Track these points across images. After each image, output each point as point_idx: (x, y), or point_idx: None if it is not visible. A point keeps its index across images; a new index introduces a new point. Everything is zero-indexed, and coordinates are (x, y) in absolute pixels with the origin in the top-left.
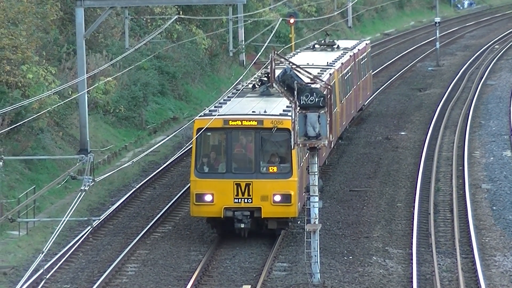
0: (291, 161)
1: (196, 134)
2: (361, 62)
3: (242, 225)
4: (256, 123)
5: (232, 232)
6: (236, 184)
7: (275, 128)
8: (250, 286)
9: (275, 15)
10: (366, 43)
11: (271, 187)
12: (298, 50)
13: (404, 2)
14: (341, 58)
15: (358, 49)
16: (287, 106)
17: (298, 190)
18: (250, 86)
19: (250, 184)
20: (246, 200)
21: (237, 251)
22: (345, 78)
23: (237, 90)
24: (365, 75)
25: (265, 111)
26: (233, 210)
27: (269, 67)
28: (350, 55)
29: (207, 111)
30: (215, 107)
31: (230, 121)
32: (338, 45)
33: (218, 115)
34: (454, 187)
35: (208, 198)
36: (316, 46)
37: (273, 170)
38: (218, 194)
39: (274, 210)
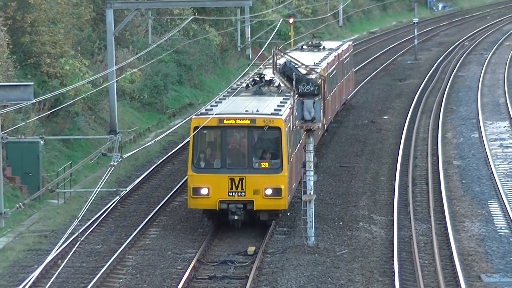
0: (282, 157)
1: (193, 132)
2: (344, 62)
3: (236, 217)
4: (249, 121)
5: (226, 223)
6: (230, 178)
7: (267, 127)
8: (254, 247)
9: (277, 16)
10: (349, 44)
11: (263, 182)
12: (288, 51)
13: (387, 5)
14: (326, 58)
15: (342, 50)
16: (277, 105)
17: (288, 184)
18: (244, 85)
19: (243, 178)
20: (239, 194)
21: None
22: (330, 76)
23: (232, 89)
24: (348, 73)
25: (257, 110)
26: (227, 203)
27: (263, 67)
28: (335, 56)
29: (203, 110)
30: (211, 106)
31: (224, 120)
32: (323, 46)
33: (213, 114)
34: (429, 164)
35: (204, 191)
36: (304, 47)
37: (264, 165)
38: (213, 188)
39: (266, 203)
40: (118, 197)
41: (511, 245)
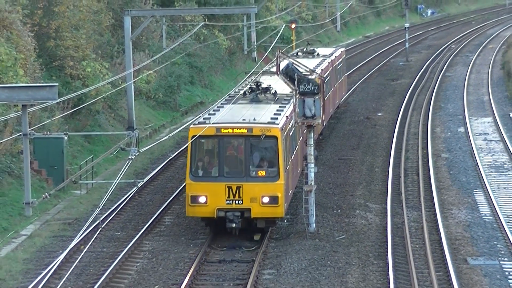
0: (278, 165)
1: (191, 141)
2: (338, 67)
3: (233, 225)
4: (246, 130)
5: (224, 230)
6: (227, 187)
7: (264, 136)
8: (260, 234)
9: (280, 22)
10: (342, 50)
11: (260, 190)
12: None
13: (381, 11)
14: (320, 64)
15: (335, 56)
16: (274, 114)
17: (284, 192)
18: (242, 92)
19: (240, 187)
20: (237, 202)
21: None
22: (325, 82)
23: (230, 96)
24: (341, 78)
25: (254, 119)
26: (225, 210)
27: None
28: (328, 62)
29: (201, 119)
30: (209, 114)
31: (222, 129)
32: (318, 53)
33: (211, 123)
34: (420, 156)
35: (202, 199)
36: (299, 53)
37: (261, 174)
38: (211, 196)
39: (263, 210)
40: (135, 187)
41: (495, 230)
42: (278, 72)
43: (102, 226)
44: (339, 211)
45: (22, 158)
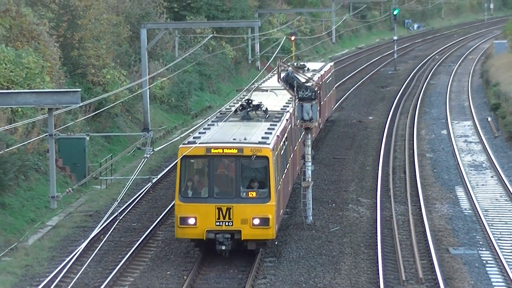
0: (269, 186)
1: (180, 161)
2: (327, 82)
3: (223, 247)
4: (236, 151)
5: (214, 252)
6: (217, 208)
7: (254, 156)
8: None
9: (281, 34)
10: (330, 65)
11: (251, 211)
12: (275, 72)
13: (372, 25)
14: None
15: (325, 71)
16: (265, 133)
17: (275, 214)
18: (233, 110)
19: (230, 208)
20: (227, 223)
21: None
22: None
23: (221, 113)
24: (330, 92)
25: (245, 139)
26: (215, 232)
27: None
28: (318, 77)
29: (191, 138)
30: (199, 133)
31: (212, 149)
32: (308, 68)
33: (200, 143)
34: (406, 156)
35: (191, 221)
36: (289, 68)
37: (252, 195)
38: (200, 217)
39: (253, 232)
40: (150, 183)
41: (474, 223)
42: (279, 80)
43: (120, 218)
44: (333, 205)
45: (48, 156)
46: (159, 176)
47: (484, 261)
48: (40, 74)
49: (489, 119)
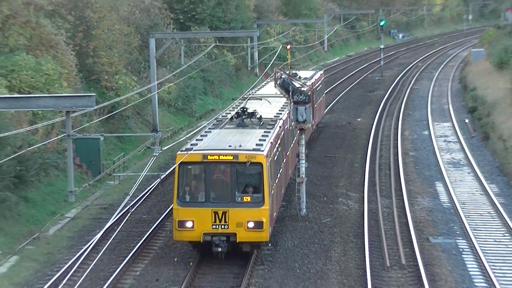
0: (263, 191)
1: (178, 167)
2: (317, 89)
3: (219, 249)
4: (232, 157)
5: (211, 254)
6: (214, 212)
7: (249, 162)
8: None
9: (277, 43)
10: (321, 73)
11: (245, 215)
12: (269, 80)
13: (360, 35)
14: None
15: (315, 79)
16: (259, 140)
17: (269, 217)
18: (229, 117)
19: (226, 212)
20: (222, 227)
21: None
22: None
23: (217, 121)
24: (320, 99)
25: (240, 146)
26: (211, 235)
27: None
28: (309, 85)
29: (188, 145)
30: (196, 140)
31: (208, 156)
32: (299, 76)
33: (197, 150)
34: (391, 154)
35: (189, 224)
36: (279, 78)
37: (247, 199)
38: (198, 221)
39: (248, 235)
40: (159, 179)
41: (452, 215)
42: (276, 85)
43: (132, 210)
44: (325, 198)
45: (66, 155)
46: (167, 173)
47: (461, 249)
48: (58, 80)
49: (467, 121)
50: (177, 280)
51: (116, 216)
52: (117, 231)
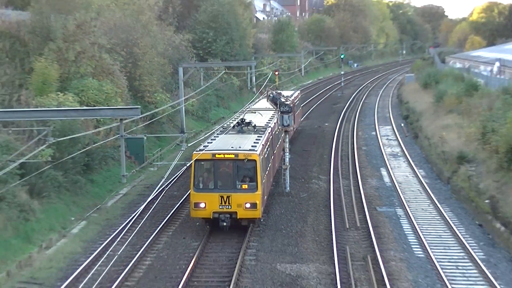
0: (257, 180)
1: (194, 163)
2: (296, 103)
3: (224, 224)
4: (233, 156)
5: (217, 228)
6: (220, 196)
7: (246, 159)
8: None
9: (269, 70)
10: (298, 92)
11: (244, 198)
12: (261, 97)
13: (327, 64)
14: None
15: (294, 96)
16: (254, 142)
17: (261, 200)
18: (232, 125)
19: (229, 196)
20: (227, 207)
21: None
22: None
23: (223, 128)
24: (298, 110)
25: (239, 147)
26: (218, 213)
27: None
28: (290, 99)
29: (201, 147)
30: (207, 142)
31: (216, 155)
32: (283, 94)
33: (208, 150)
34: (349, 148)
35: (202, 205)
36: (270, 95)
37: (245, 187)
38: (208, 202)
39: (246, 213)
40: (185, 166)
41: (392, 191)
42: (268, 100)
43: (166, 188)
44: (302, 180)
45: (120, 150)
46: (190, 162)
47: (399, 216)
48: (115, 97)
49: (402, 124)
50: (198, 238)
51: (155, 192)
52: (155, 203)
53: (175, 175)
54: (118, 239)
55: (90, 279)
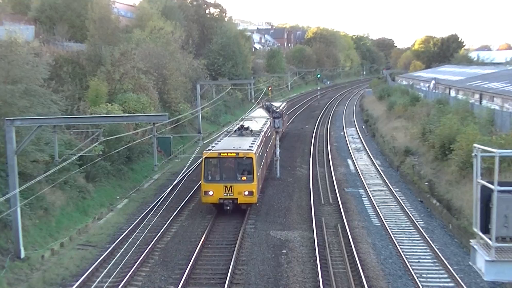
0: (253, 174)
1: (204, 160)
2: (284, 111)
3: (228, 207)
4: (235, 154)
5: (223, 211)
6: (225, 186)
7: (245, 157)
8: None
9: (264, 86)
10: (285, 103)
11: (243, 188)
12: (254, 107)
13: (307, 82)
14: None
15: (283, 106)
16: (251, 143)
17: (257, 188)
18: (234, 130)
19: (232, 186)
20: (230, 194)
21: None
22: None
23: (227, 132)
24: (285, 116)
25: (240, 147)
26: (223, 199)
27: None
28: (280, 108)
29: (210, 147)
30: (214, 143)
31: (221, 153)
32: (274, 105)
33: (214, 150)
34: (324, 145)
35: (210, 193)
36: (264, 105)
37: (244, 178)
38: (215, 191)
39: (245, 199)
40: (201, 159)
41: (356, 176)
42: (263, 108)
43: (188, 174)
44: (289, 168)
45: (152, 146)
46: (205, 156)
47: (361, 194)
48: (149, 107)
49: (363, 126)
50: (212, 212)
51: (178, 178)
52: (179, 186)
53: (194, 165)
54: (152, 212)
55: (130, 242)
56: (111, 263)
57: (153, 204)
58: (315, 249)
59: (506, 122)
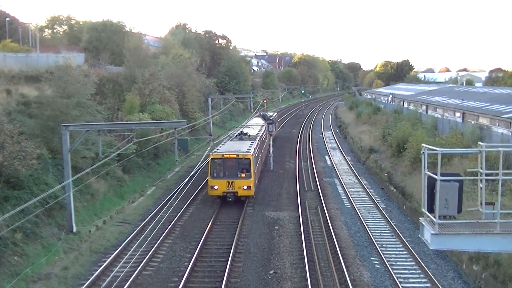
0: (251, 171)
1: (210, 160)
2: (276, 118)
3: (230, 199)
4: (236, 155)
5: (226, 201)
6: (227, 181)
7: (244, 158)
8: None
9: (260, 99)
10: (276, 113)
11: (242, 183)
12: (253, 115)
13: (295, 95)
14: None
15: (275, 114)
16: (249, 146)
17: (254, 184)
18: (235, 135)
19: (233, 181)
20: (231, 189)
21: None
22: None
23: (229, 137)
24: (277, 122)
25: (239, 150)
26: (226, 193)
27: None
28: (273, 116)
29: (215, 150)
30: (219, 146)
31: (224, 155)
32: (268, 113)
33: (219, 152)
34: (307, 144)
35: (215, 187)
36: (261, 113)
37: (243, 175)
38: (220, 186)
39: (244, 192)
40: (209, 159)
41: (332, 169)
42: (259, 116)
43: (201, 167)
44: (280, 162)
45: (174, 145)
46: (215, 153)
47: (336, 183)
48: (171, 115)
49: (337, 130)
50: (217, 201)
51: (194, 170)
52: (195, 176)
53: (206, 160)
54: (173, 197)
55: (157, 220)
56: (142, 236)
57: (175, 191)
58: (300, 225)
59: (446, 127)
